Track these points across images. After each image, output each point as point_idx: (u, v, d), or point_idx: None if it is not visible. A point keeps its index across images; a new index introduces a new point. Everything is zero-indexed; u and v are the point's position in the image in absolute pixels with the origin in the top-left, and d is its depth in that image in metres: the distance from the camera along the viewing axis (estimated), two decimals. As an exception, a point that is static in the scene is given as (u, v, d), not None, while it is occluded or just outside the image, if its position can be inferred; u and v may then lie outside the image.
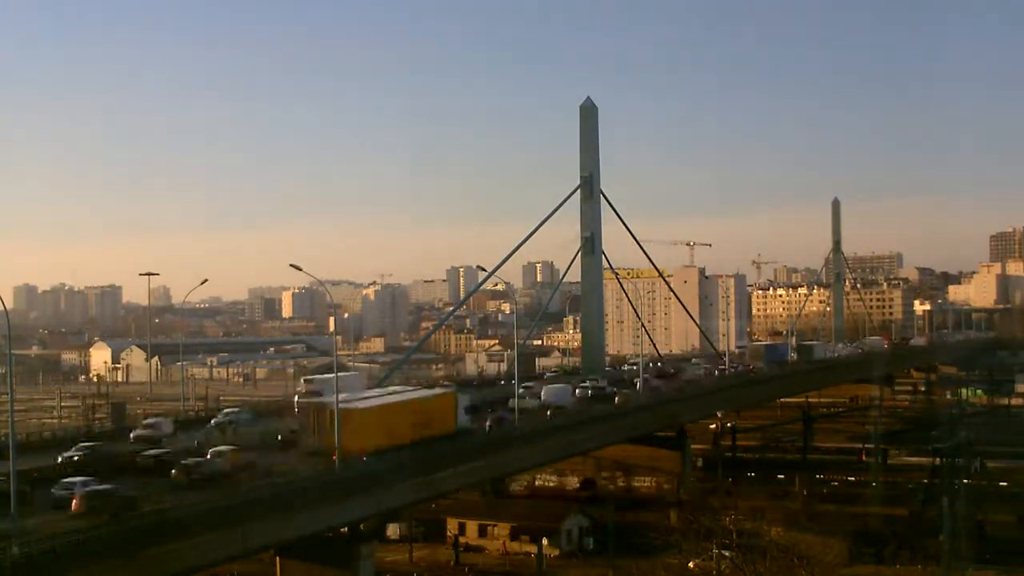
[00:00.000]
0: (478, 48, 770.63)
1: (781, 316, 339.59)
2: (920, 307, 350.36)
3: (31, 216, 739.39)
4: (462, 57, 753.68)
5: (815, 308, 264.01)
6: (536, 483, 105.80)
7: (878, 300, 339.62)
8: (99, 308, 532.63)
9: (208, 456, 54.91)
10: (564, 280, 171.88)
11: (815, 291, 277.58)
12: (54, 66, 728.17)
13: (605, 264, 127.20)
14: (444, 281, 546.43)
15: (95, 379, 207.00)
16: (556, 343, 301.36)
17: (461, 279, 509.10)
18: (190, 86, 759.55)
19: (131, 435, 67.20)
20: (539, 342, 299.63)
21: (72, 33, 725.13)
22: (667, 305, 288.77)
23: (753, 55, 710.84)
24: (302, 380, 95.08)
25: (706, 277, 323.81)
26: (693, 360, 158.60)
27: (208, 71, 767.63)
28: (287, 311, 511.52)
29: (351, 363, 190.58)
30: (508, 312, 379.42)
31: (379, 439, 59.73)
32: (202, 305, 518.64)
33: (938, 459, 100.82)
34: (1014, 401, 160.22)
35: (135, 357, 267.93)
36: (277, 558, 57.40)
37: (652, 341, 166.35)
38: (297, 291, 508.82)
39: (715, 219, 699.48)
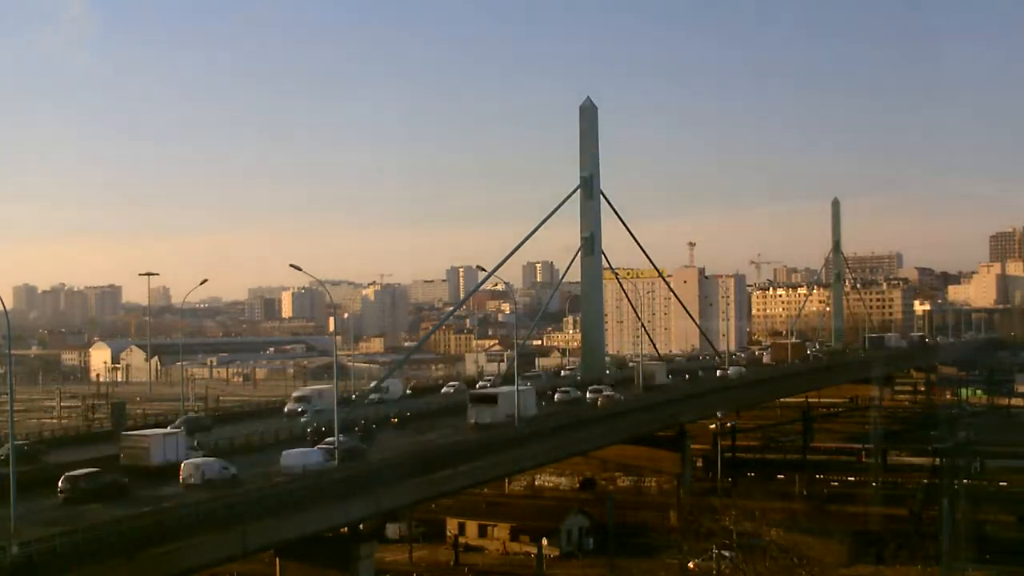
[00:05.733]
0: (478, 48, 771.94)
1: (781, 316, 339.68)
2: (920, 307, 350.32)
3: (31, 216, 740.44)
4: (462, 57, 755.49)
5: (815, 308, 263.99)
6: (536, 483, 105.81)
7: (878, 300, 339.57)
8: (99, 308, 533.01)
9: None
10: (564, 280, 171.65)
11: (815, 291, 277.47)
12: (55, 67, 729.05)
13: (605, 264, 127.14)
14: (444, 281, 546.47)
15: (97, 378, 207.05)
16: (556, 343, 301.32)
17: (461, 279, 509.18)
18: (191, 87, 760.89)
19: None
20: (539, 342, 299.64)
21: (72, 34, 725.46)
22: (667, 305, 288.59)
23: (753, 55, 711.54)
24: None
25: (706, 277, 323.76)
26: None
27: (209, 72, 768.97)
28: (287, 311, 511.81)
29: (351, 363, 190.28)
30: (508, 312, 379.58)
31: None
32: (202, 305, 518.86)
33: (938, 459, 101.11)
34: (1014, 401, 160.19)
35: (135, 357, 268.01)
36: (277, 558, 57.37)
37: (652, 341, 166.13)
38: (297, 291, 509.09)
39: (715, 219, 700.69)
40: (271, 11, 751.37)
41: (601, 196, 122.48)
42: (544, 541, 78.10)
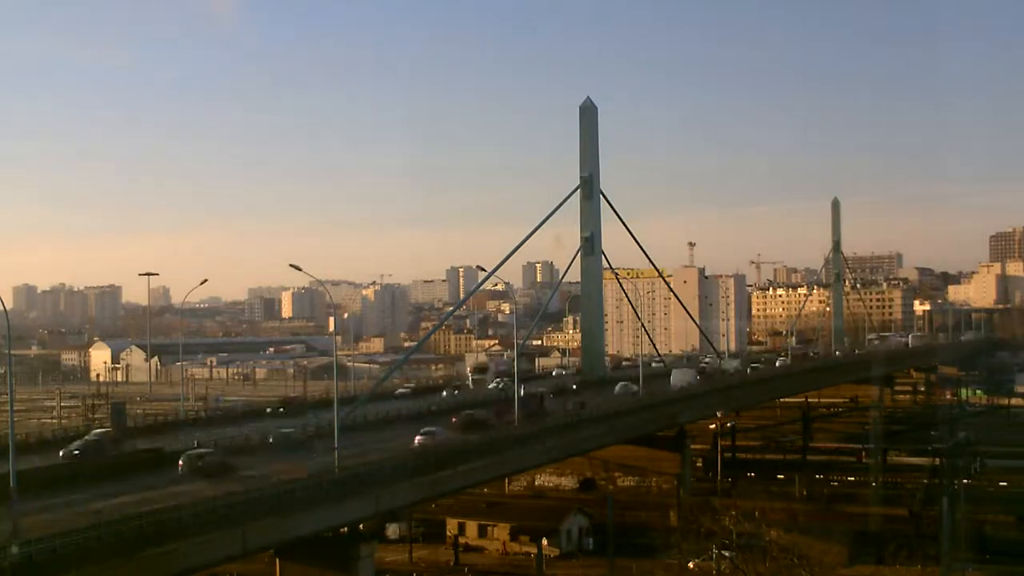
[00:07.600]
0: (478, 48, 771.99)
1: (781, 316, 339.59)
2: (920, 307, 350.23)
3: (31, 216, 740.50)
4: (462, 57, 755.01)
5: (815, 308, 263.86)
6: (536, 483, 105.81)
7: (878, 300, 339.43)
8: (99, 308, 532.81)
9: None
10: (564, 280, 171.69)
11: (815, 291, 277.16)
12: (53, 66, 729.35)
13: (605, 264, 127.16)
14: (444, 281, 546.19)
15: (97, 378, 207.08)
16: (556, 343, 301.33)
17: (461, 279, 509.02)
18: (190, 86, 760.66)
19: None
20: (539, 342, 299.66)
21: (71, 33, 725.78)
22: (667, 305, 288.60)
23: (753, 55, 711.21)
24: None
25: (706, 277, 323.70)
26: None
27: (208, 71, 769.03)
28: (287, 311, 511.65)
29: (351, 363, 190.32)
30: (508, 312, 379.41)
31: None
32: (202, 305, 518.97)
33: (938, 459, 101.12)
34: (1014, 401, 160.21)
35: (135, 357, 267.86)
36: (277, 558, 57.32)
37: (652, 341, 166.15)
38: (297, 291, 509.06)
39: (715, 219, 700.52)
40: (271, 11, 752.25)
41: (601, 196, 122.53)
42: (544, 541, 78.06)
